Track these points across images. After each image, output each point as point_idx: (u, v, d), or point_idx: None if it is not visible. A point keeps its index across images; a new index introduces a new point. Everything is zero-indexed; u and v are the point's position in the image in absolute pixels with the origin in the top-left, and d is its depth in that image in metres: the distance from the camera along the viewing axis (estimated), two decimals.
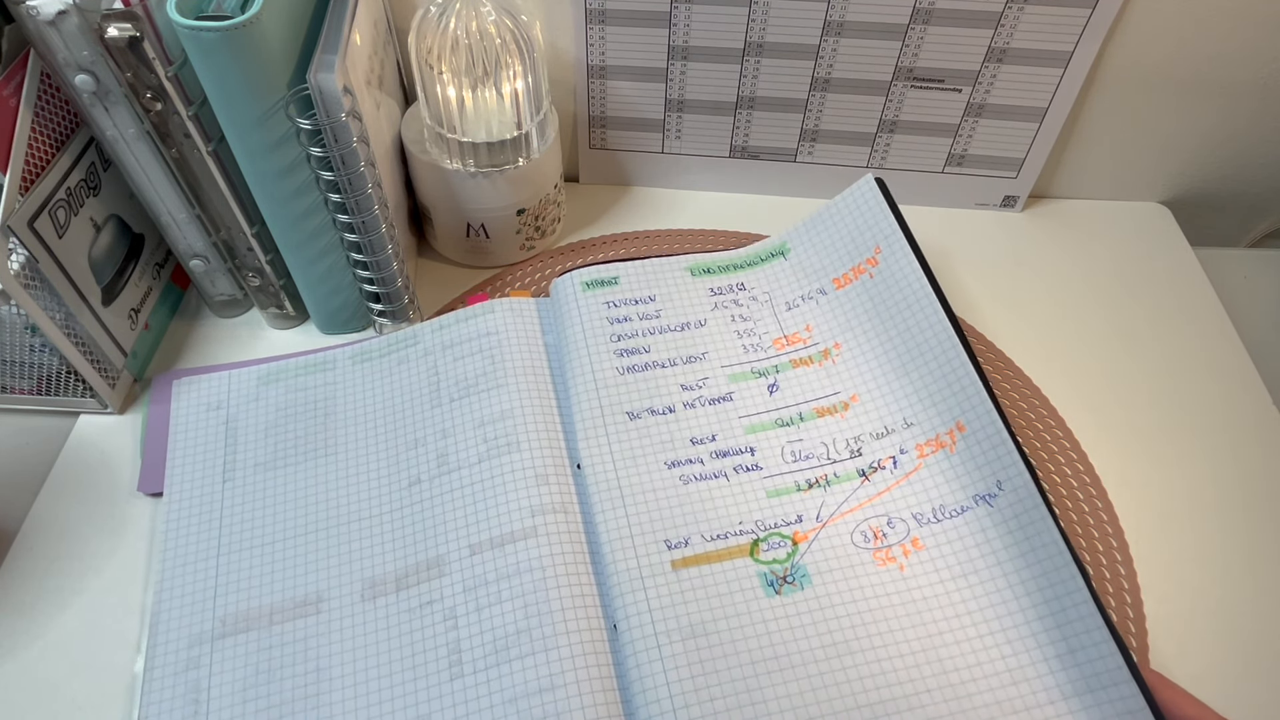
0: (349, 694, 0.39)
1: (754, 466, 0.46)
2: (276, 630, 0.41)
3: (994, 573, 0.41)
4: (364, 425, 0.49)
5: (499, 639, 0.40)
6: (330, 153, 0.44)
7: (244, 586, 0.43)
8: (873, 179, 0.53)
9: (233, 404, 0.50)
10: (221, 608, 0.42)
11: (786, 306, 0.52)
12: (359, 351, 0.52)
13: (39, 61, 0.43)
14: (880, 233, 0.51)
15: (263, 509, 0.46)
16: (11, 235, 0.42)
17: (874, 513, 0.44)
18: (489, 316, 0.51)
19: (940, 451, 0.45)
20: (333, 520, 0.45)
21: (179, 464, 0.47)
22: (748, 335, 0.51)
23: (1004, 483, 0.42)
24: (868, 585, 0.41)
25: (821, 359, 0.50)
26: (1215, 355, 0.55)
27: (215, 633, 0.41)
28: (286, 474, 0.47)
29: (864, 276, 0.51)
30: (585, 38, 0.57)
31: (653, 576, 0.41)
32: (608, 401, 0.48)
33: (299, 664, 0.40)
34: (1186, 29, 0.54)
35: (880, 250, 0.50)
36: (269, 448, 0.48)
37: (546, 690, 0.38)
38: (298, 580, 0.43)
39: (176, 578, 0.43)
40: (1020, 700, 0.37)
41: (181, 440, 0.48)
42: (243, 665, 0.40)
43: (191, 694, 0.40)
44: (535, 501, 0.44)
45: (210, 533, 0.45)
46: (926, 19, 0.54)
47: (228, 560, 0.44)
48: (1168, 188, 0.64)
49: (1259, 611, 0.44)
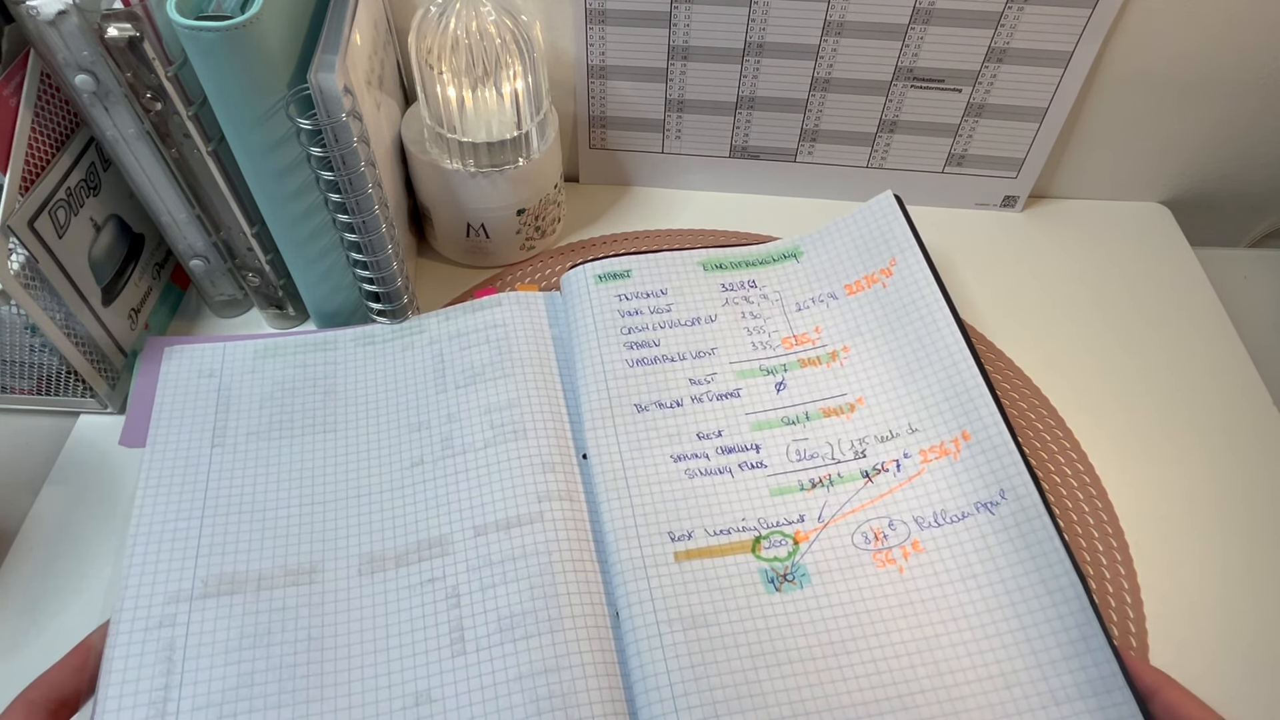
0: (343, 665, 0.39)
1: (759, 464, 0.46)
2: (265, 596, 0.41)
3: (992, 578, 0.41)
4: (366, 405, 0.49)
5: (504, 618, 0.40)
6: (330, 153, 0.44)
7: (230, 550, 0.42)
8: (892, 195, 0.54)
9: (227, 373, 0.49)
10: (204, 568, 0.41)
11: (797, 307, 0.52)
12: (363, 335, 0.52)
13: (39, 61, 0.43)
14: (897, 246, 0.52)
15: (254, 476, 0.45)
16: (11, 235, 0.42)
17: (876, 514, 0.44)
18: (496, 309, 0.52)
19: (945, 458, 0.45)
20: (330, 494, 0.45)
21: (164, 421, 0.46)
22: (757, 333, 0.51)
23: (1007, 491, 0.42)
24: (866, 586, 0.42)
25: (829, 360, 0.50)
26: (1215, 355, 0.55)
27: (196, 592, 0.41)
28: (282, 445, 0.46)
29: (876, 286, 0.51)
30: (585, 38, 0.57)
31: (656, 567, 0.42)
32: (616, 393, 0.48)
33: (289, 631, 0.40)
34: (1186, 29, 0.54)
35: (896, 262, 0.51)
36: (264, 418, 0.47)
37: (552, 671, 0.38)
38: (290, 549, 0.43)
39: (154, 531, 0.42)
40: (1014, 704, 0.38)
41: (170, 399, 0.47)
42: (225, 628, 0.40)
43: (165, 651, 0.39)
44: (542, 488, 0.44)
45: (195, 492, 0.44)
46: (926, 19, 0.54)
47: (213, 522, 0.43)
48: (1168, 188, 0.64)
49: (1259, 611, 0.44)
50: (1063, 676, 0.38)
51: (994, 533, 0.42)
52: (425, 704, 0.38)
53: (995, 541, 0.42)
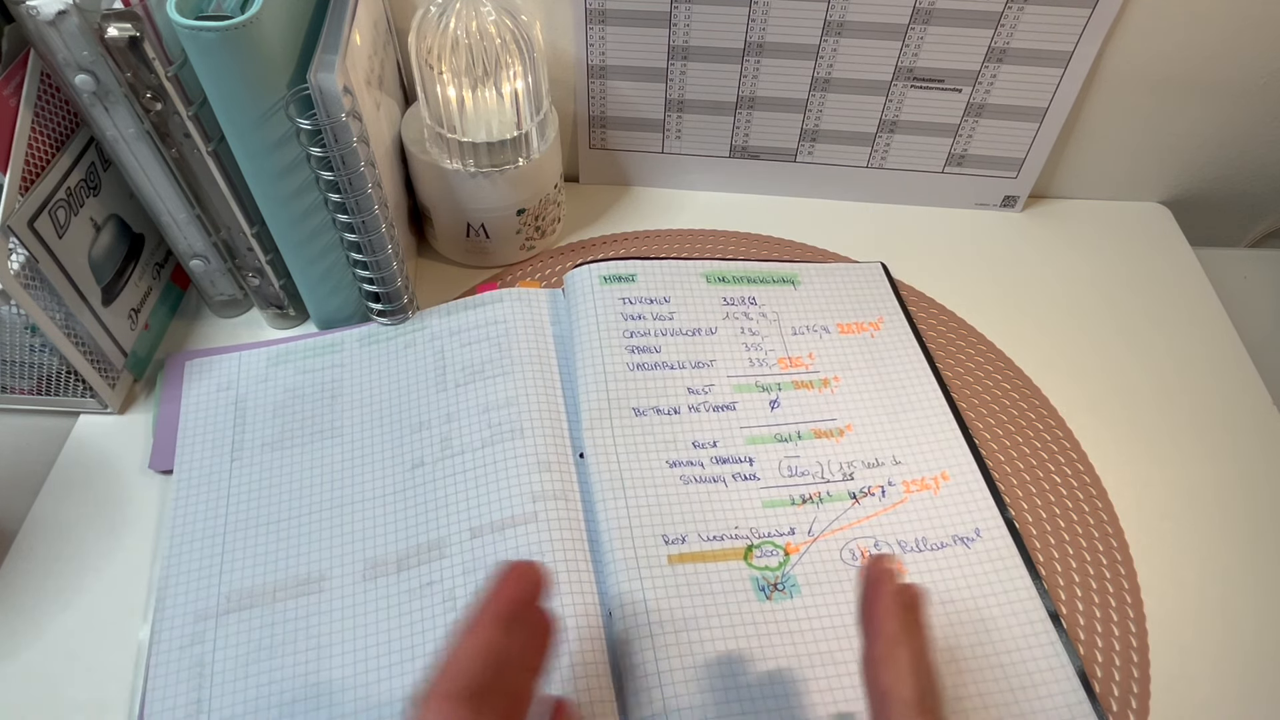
0: (348, 671, 0.40)
1: (752, 476, 0.47)
2: (279, 607, 0.42)
3: (969, 605, 0.43)
4: (369, 408, 0.49)
5: None
6: (330, 153, 0.44)
7: (249, 564, 0.43)
8: (880, 265, 0.58)
9: (242, 384, 0.51)
10: (227, 584, 0.43)
11: (792, 331, 0.54)
12: (367, 334, 0.53)
13: (39, 61, 0.43)
14: (884, 308, 0.56)
15: (268, 488, 0.46)
16: (11, 235, 0.42)
17: (862, 534, 0.45)
18: (498, 305, 0.52)
19: (925, 491, 0.47)
20: (336, 501, 0.46)
21: (189, 443, 0.48)
22: (755, 349, 0.52)
23: (982, 531, 0.45)
24: (853, 601, 0.42)
25: (821, 386, 0.51)
26: (1215, 355, 0.55)
27: (220, 608, 0.42)
28: (292, 454, 0.48)
29: (865, 334, 0.54)
30: (585, 38, 0.57)
31: (649, 568, 0.42)
32: (615, 395, 0.48)
33: (300, 641, 0.41)
34: (1186, 29, 0.54)
35: (883, 320, 0.55)
36: (276, 428, 0.49)
37: None
38: (301, 559, 0.44)
39: (184, 553, 0.44)
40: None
41: (192, 420, 0.49)
42: (245, 641, 0.41)
43: (195, 668, 0.40)
44: (537, 488, 0.44)
45: (218, 510, 0.45)
46: (926, 19, 0.54)
47: (234, 538, 0.44)
48: (1168, 188, 0.64)
49: (1259, 611, 0.44)
50: (1033, 702, 0.40)
51: (970, 565, 0.44)
52: None
53: (971, 573, 0.44)
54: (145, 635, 0.42)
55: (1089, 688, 0.40)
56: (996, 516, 0.46)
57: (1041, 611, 0.42)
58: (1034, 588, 0.43)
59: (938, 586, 0.43)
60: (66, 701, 0.41)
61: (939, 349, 0.55)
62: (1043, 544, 0.46)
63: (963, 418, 0.50)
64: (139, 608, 0.43)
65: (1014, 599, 0.43)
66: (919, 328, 0.55)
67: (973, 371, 0.54)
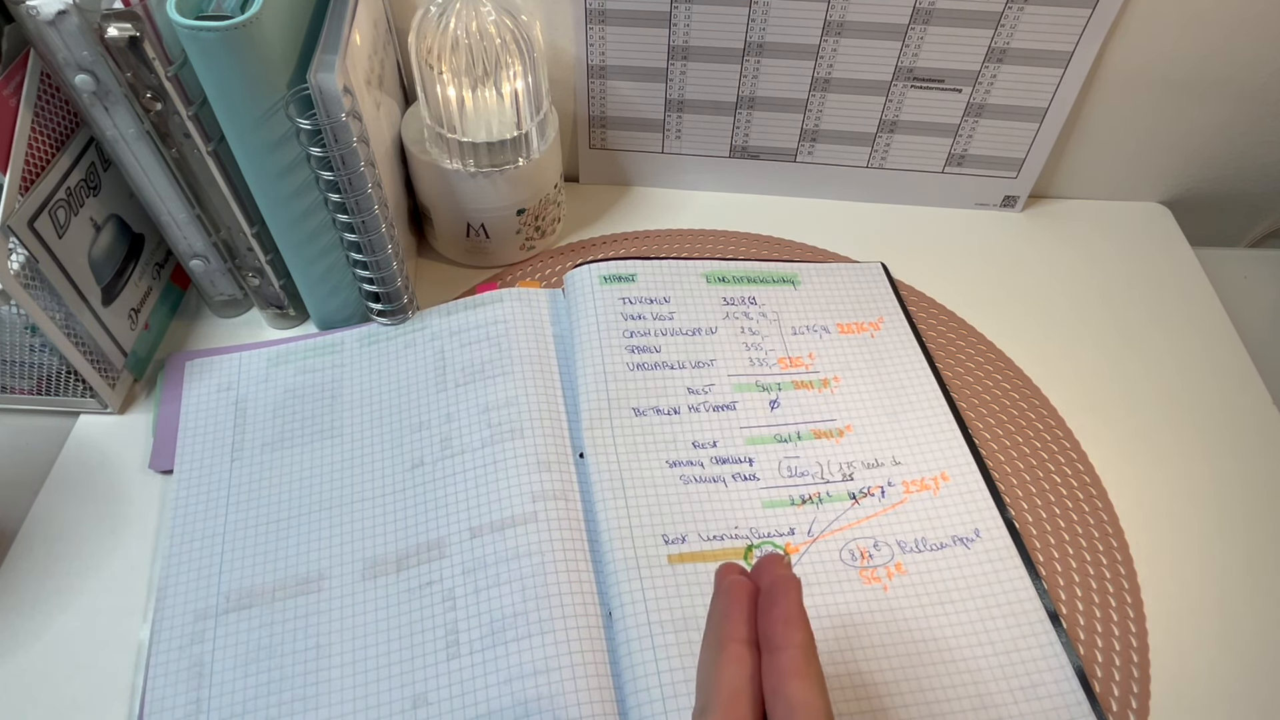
0: (347, 670, 0.40)
1: (751, 476, 0.47)
2: (279, 607, 0.42)
3: (968, 606, 0.43)
4: (369, 408, 0.49)
5: (496, 621, 0.40)
6: (330, 153, 0.44)
7: (248, 563, 0.44)
8: (880, 265, 0.58)
9: (243, 384, 0.51)
10: (226, 584, 0.43)
11: (792, 331, 0.54)
12: (367, 334, 0.53)
13: (39, 61, 0.43)
14: (884, 309, 0.56)
15: (268, 488, 0.46)
16: (11, 235, 0.42)
17: (862, 534, 0.45)
18: (498, 305, 0.52)
19: (925, 491, 0.47)
20: (336, 500, 0.46)
21: (189, 443, 0.48)
22: (755, 349, 0.52)
23: (982, 531, 0.45)
24: (854, 601, 0.43)
25: (821, 386, 0.51)
26: (1215, 355, 0.55)
27: (220, 608, 0.42)
28: (292, 454, 0.48)
29: (865, 334, 0.54)
30: (585, 38, 0.57)
31: (649, 568, 0.42)
32: (615, 395, 0.48)
33: (299, 640, 0.41)
34: (1186, 29, 0.54)
35: (883, 320, 0.55)
36: (276, 428, 0.49)
37: (541, 672, 0.38)
38: (300, 559, 0.44)
39: (183, 553, 0.44)
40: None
41: (193, 420, 0.49)
42: (245, 641, 0.41)
43: (195, 667, 0.40)
44: (537, 487, 0.44)
45: (218, 510, 0.46)
46: (926, 19, 0.54)
47: (233, 538, 0.44)
48: (1168, 188, 0.64)
49: (1259, 611, 0.44)
50: (1032, 702, 0.39)
51: (969, 565, 0.44)
52: (422, 707, 0.38)
53: (971, 573, 0.44)
54: (145, 635, 0.42)
55: (1088, 688, 0.40)
56: (996, 517, 0.46)
57: (1041, 612, 0.42)
58: (1034, 588, 0.43)
59: (937, 587, 0.43)
60: (66, 701, 0.41)
61: (939, 349, 0.55)
62: (1042, 544, 0.46)
63: (962, 418, 0.50)
64: (139, 607, 0.44)
65: (1014, 599, 0.43)
66: (919, 328, 0.55)
67: (972, 371, 0.54)
